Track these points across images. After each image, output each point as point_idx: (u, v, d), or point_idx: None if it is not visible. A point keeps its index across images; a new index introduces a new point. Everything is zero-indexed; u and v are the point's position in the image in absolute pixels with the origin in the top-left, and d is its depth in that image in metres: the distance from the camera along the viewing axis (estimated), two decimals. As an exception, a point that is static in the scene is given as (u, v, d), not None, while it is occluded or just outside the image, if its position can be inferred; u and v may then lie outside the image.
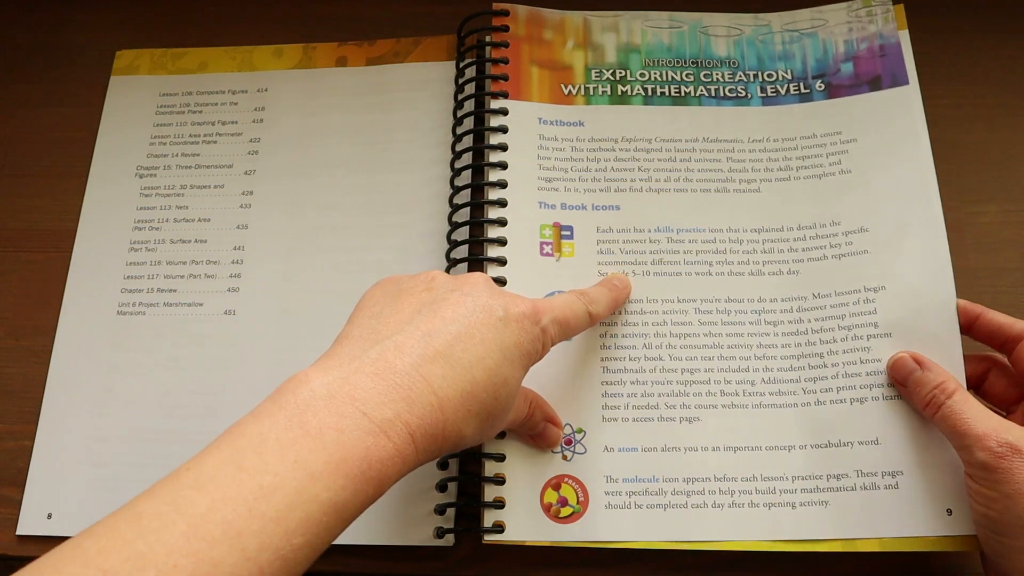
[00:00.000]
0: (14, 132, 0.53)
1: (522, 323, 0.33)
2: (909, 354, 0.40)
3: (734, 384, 0.42)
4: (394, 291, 0.34)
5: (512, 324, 0.33)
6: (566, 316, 0.36)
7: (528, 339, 0.33)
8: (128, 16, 0.56)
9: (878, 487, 0.39)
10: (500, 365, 0.32)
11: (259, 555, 0.25)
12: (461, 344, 0.31)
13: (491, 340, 0.32)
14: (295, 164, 0.51)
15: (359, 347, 0.31)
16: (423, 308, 0.33)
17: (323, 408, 0.28)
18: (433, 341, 0.31)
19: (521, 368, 0.34)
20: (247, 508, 0.25)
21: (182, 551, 0.24)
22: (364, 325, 0.32)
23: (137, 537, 0.24)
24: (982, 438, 0.35)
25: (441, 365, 0.31)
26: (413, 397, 0.30)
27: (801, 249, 0.44)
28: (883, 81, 0.47)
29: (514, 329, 0.33)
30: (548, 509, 0.40)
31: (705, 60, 0.49)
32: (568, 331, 0.37)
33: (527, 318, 0.34)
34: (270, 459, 0.26)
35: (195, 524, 0.24)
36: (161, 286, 0.48)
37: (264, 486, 0.26)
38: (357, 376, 0.29)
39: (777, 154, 0.47)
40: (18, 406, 0.46)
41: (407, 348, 0.31)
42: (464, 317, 0.32)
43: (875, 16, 0.49)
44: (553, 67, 0.49)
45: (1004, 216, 0.47)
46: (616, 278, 0.43)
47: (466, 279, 0.34)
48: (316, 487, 0.27)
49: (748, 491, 0.40)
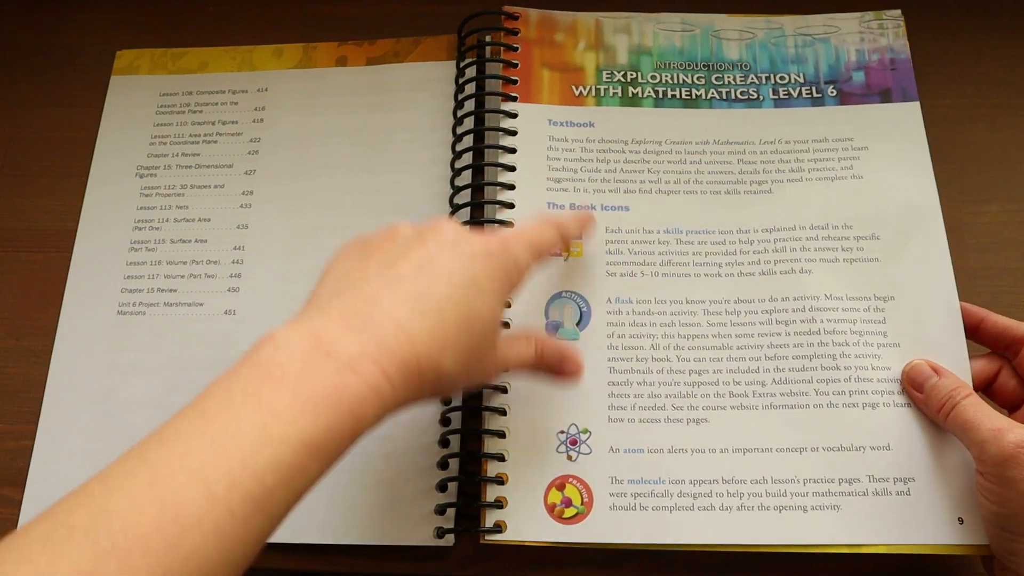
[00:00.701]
0: (14, 132, 0.58)
1: (490, 256, 0.37)
2: (926, 362, 0.45)
3: (744, 385, 0.45)
4: (360, 250, 0.37)
5: (480, 259, 0.36)
6: (535, 239, 0.40)
7: (500, 270, 0.37)
8: (128, 16, 0.62)
9: (890, 493, 0.43)
10: (469, 299, 0.35)
11: (228, 495, 0.27)
12: (427, 284, 0.34)
13: (458, 276, 0.35)
14: (295, 164, 0.55)
15: (325, 301, 0.34)
16: (388, 258, 0.36)
17: (287, 356, 0.31)
18: (399, 285, 0.34)
19: (495, 299, 0.37)
20: (213, 453, 0.27)
21: (147, 498, 0.26)
22: (330, 283, 0.36)
23: (104, 493, 0.26)
24: (997, 433, 0.39)
25: (408, 306, 0.33)
26: (380, 335, 0.32)
27: (814, 249, 0.48)
28: (893, 94, 0.52)
29: (482, 263, 0.36)
30: (552, 510, 0.44)
31: (717, 63, 0.54)
32: (540, 253, 0.40)
33: (496, 250, 0.37)
34: (235, 408, 0.29)
35: (160, 473, 0.27)
36: (161, 286, 0.52)
37: (229, 431, 0.28)
38: (322, 324, 0.32)
39: (789, 155, 0.51)
40: (18, 406, 0.50)
41: (372, 294, 0.34)
42: (430, 259, 0.35)
43: (886, 30, 0.54)
44: (564, 69, 0.54)
45: (1004, 216, 0.52)
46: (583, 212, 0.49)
47: (431, 224, 0.38)
48: (283, 426, 0.29)
49: (758, 493, 0.43)
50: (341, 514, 0.46)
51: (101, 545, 0.25)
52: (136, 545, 0.25)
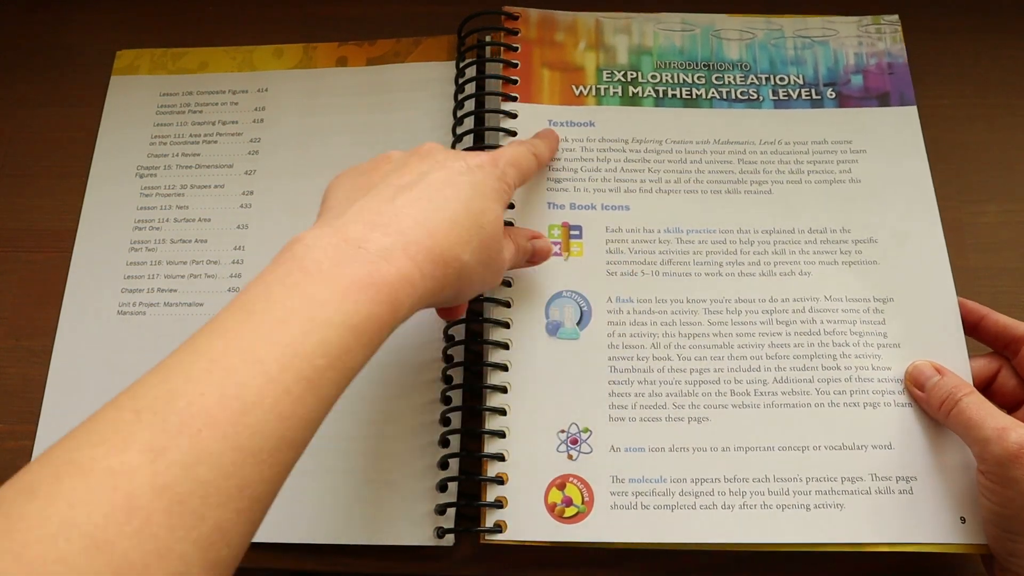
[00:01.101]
0: (14, 132, 0.58)
1: (483, 168, 0.40)
2: (929, 362, 0.45)
3: (745, 384, 0.46)
4: (356, 170, 0.40)
5: (475, 170, 0.40)
6: (518, 159, 0.43)
7: (492, 180, 0.40)
8: (128, 16, 0.62)
9: (892, 492, 0.43)
10: (474, 199, 0.38)
11: (282, 375, 0.29)
12: (434, 187, 0.37)
13: (460, 182, 0.38)
14: (295, 164, 0.55)
15: (340, 209, 0.37)
16: (391, 173, 0.39)
17: (320, 252, 0.33)
18: (409, 191, 0.37)
19: (495, 202, 0.40)
20: (264, 340, 0.29)
21: (207, 382, 0.28)
22: (339, 196, 0.38)
23: (163, 380, 0.28)
24: (1000, 432, 0.39)
25: (422, 204, 0.36)
26: (403, 228, 0.35)
27: (812, 252, 0.49)
28: (891, 98, 0.53)
29: (477, 174, 0.39)
30: (552, 509, 0.44)
31: (717, 63, 0.54)
32: (522, 173, 0.44)
33: (486, 164, 0.40)
34: (277, 299, 0.31)
35: (216, 360, 0.28)
36: (161, 286, 0.52)
37: (276, 319, 0.30)
38: (346, 224, 0.35)
39: (788, 156, 0.51)
40: (18, 406, 0.50)
41: (386, 196, 0.36)
42: (430, 169, 0.38)
43: (883, 34, 0.55)
44: (564, 68, 0.54)
45: (1004, 216, 0.52)
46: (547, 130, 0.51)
47: (419, 147, 0.41)
48: (327, 311, 0.31)
49: (760, 492, 0.43)
50: (341, 514, 0.45)
51: (171, 423, 0.26)
52: (204, 423, 0.27)
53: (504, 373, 0.46)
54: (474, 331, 0.48)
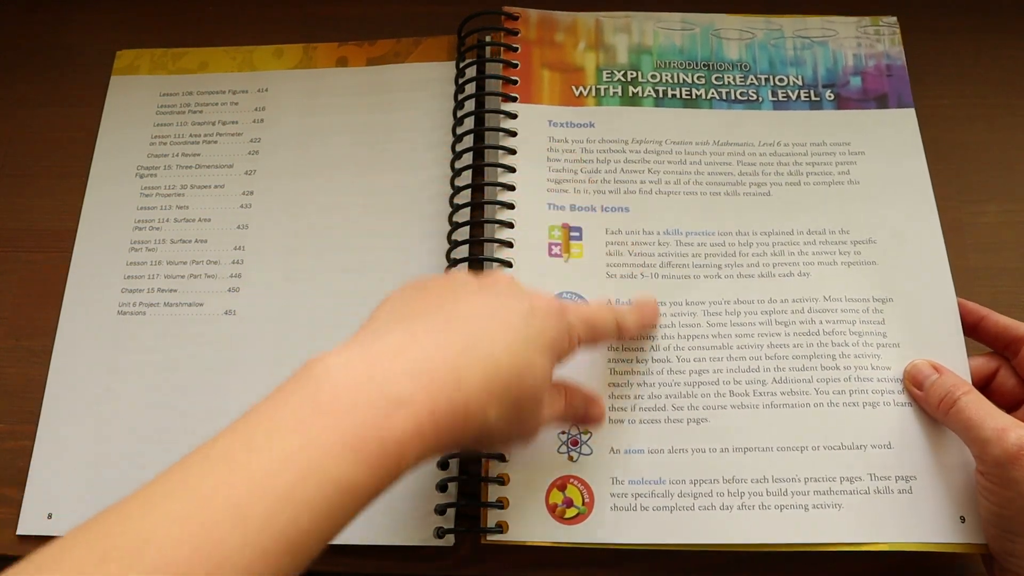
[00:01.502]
0: (14, 132, 0.58)
1: (548, 316, 0.37)
2: (928, 362, 0.45)
3: (744, 385, 0.45)
4: (416, 287, 0.37)
5: (539, 315, 0.36)
6: (594, 319, 0.40)
7: (554, 331, 0.37)
8: (128, 16, 0.61)
9: (891, 491, 0.43)
10: (525, 350, 0.35)
11: (261, 535, 0.26)
12: (484, 329, 0.34)
13: (516, 327, 0.35)
14: (295, 164, 0.55)
15: (379, 332, 0.34)
16: (446, 301, 0.36)
17: (338, 385, 0.30)
18: (455, 325, 0.34)
19: (548, 357, 0.36)
20: (255, 486, 0.27)
21: (184, 529, 0.26)
22: (384, 316, 0.35)
23: (142, 516, 0.26)
24: (999, 432, 0.38)
25: (463, 346, 0.33)
26: (433, 374, 0.32)
27: (811, 253, 0.49)
28: (890, 100, 0.53)
29: (540, 320, 0.36)
30: (553, 510, 0.43)
31: (717, 63, 0.54)
32: (595, 335, 0.40)
33: (553, 312, 0.37)
34: (281, 438, 0.28)
35: (200, 504, 0.26)
36: (161, 286, 0.52)
37: (273, 463, 0.28)
38: (375, 355, 0.32)
39: (788, 158, 0.51)
40: (18, 406, 0.50)
41: (428, 331, 0.33)
42: (487, 306, 0.35)
43: (882, 36, 0.54)
44: (564, 69, 0.54)
45: (1004, 216, 0.52)
46: (647, 303, 0.46)
47: (491, 276, 0.38)
48: (327, 463, 0.28)
49: (759, 493, 0.43)
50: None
51: None
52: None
53: (504, 374, 0.46)
54: (474, 332, 0.48)
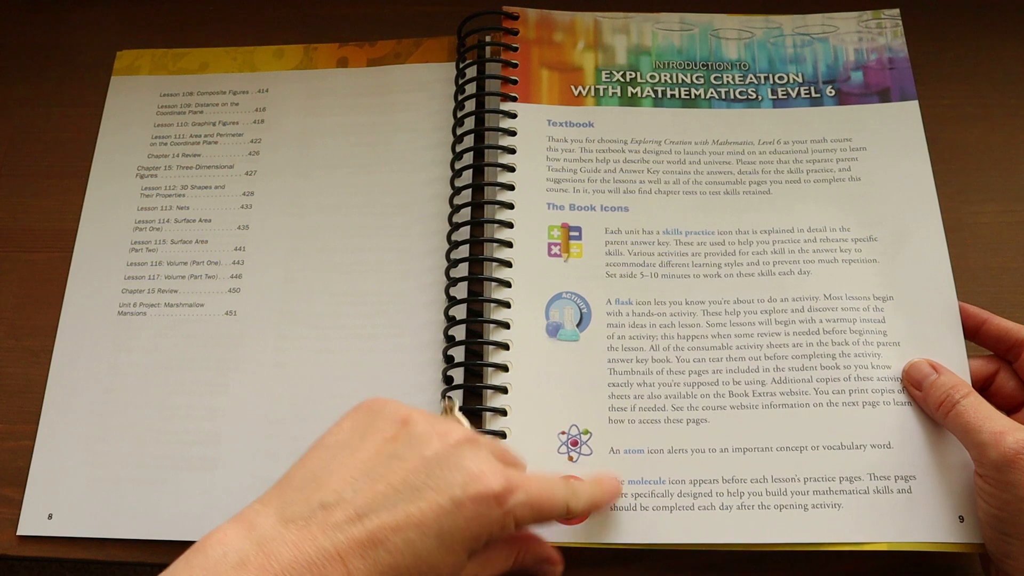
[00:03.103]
0: (14, 132, 0.57)
1: (479, 506, 0.33)
2: (926, 360, 0.44)
3: (743, 385, 0.45)
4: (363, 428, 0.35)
5: (466, 507, 0.33)
6: (541, 500, 0.36)
7: (480, 524, 0.33)
8: (128, 16, 0.61)
9: (891, 491, 0.42)
10: (432, 553, 0.32)
11: None
12: (393, 526, 0.32)
13: (431, 525, 0.32)
14: (296, 165, 0.54)
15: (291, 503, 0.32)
16: (376, 466, 0.33)
17: None
18: (364, 521, 0.31)
19: (460, 553, 0.33)
20: None
21: None
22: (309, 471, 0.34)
23: None
24: (997, 436, 0.38)
25: (364, 548, 0.31)
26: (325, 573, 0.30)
27: (812, 251, 0.48)
28: (892, 94, 0.52)
29: (466, 514, 0.33)
30: (554, 510, 0.43)
31: (715, 62, 0.54)
32: (540, 516, 0.36)
33: (489, 500, 0.33)
34: None
35: None
36: (162, 287, 0.52)
37: None
38: (275, 545, 0.30)
39: (788, 156, 0.51)
40: (18, 406, 0.49)
41: (335, 522, 0.31)
42: (410, 492, 0.32)
43: (884, 29, 0.54)
44: (563, 69, 0.53)
45: (1004, 216, 0.51)
46: (607, 480, 0.42)
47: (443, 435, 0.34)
48: None
49: (758, 493, 0.43)
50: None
51: None
52: None
53: (504, 374, 0.45)
54: (474, 331, 0.48)
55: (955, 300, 0.46)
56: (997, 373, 0.44)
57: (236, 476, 0.46)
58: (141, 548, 0.46)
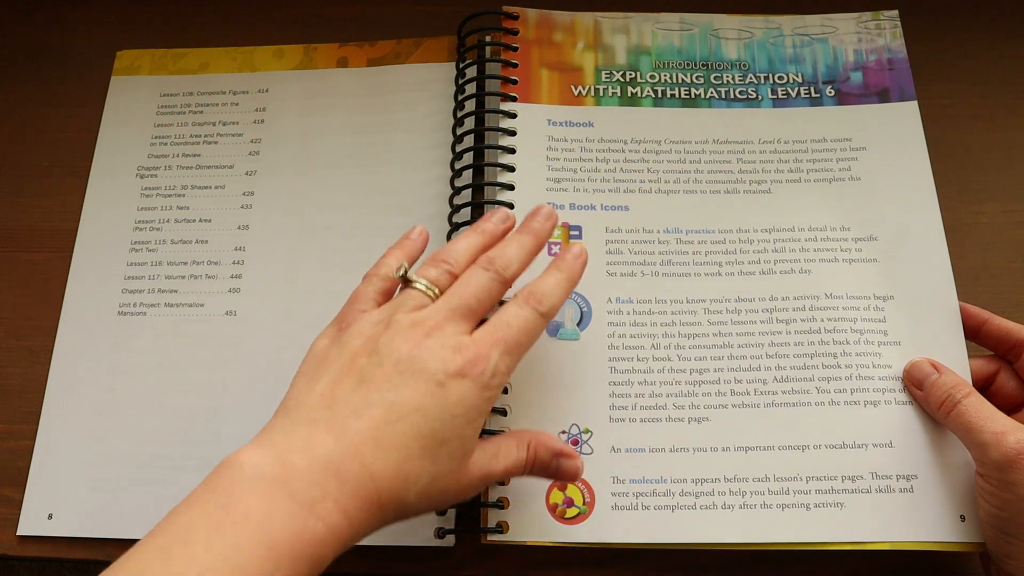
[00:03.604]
0: (14, 132, 0.57)
1: (464, 379, 0.35)
2: (927, 360, 0.44)
3: (745, 384, 0.45)
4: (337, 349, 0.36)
5: (452, 384, 0.34)
6: (516, 339, 0.37)
7: (473, 393, 0.35)
8: (128, 16, 0.61)
9: (892, 490, 0.42)
10: (437, 430, 0.34)
11: None
12: (395, 415, 0.33)
13: (429, 405, 0.34)
14: (296, 165, 0.54)
15: (292, 422, 0.34)
16: (362, 375, 0.35)
17: (250, 491, 0.31)
18: (366, 413, 0.33)
19: (467, 422, 0.35)
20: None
21: None
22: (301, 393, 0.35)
23: None
24: (999, 436, 0.38)
25: (373, 438, 0.33)
26: (343, 473, 0.32)
27: (813, 250, 0.48)
28: (891, 94, 0.52)
29: (454, 388, 0.34)
30: (554, 510, 0.43)
31: (715, 62, 0.54)
32: (522, 352, 0.38)
33: (468, 372, 0.35)
34: (197, 550, 0.29)
35: None
36: (162, 286, 0.51)
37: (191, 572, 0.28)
38: (287, 454, 0.32)
39: (788, 155, 0.51)
40: (18, 406, 0.49)
41: (339, 423, 0.33)
42: (400, 384, 0.34)
43: (883, 30, 0.54)
44: (563, 68, 0.53)
45: (1004, 216, 0.51)
46: (568, 251, 0.41)
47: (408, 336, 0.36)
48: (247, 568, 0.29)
49: (760, 492, 0.43)
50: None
51: None
52: None
53: (504, 373, 0.45)
54: (474, 331, 0.48)
55: (955, 299, 0.46)
56: (998, 373, 0.44)
57: (236, 476, 0.46)
58: (141, 548, 0.46)
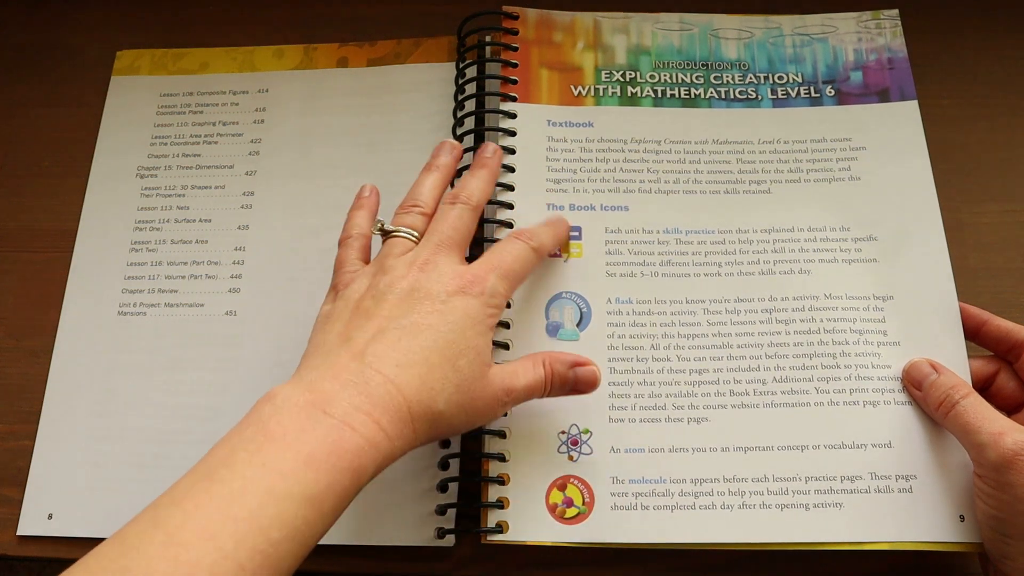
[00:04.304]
0: (14, 132, 0.57)
1: (466, 296, 0.38)
2: (926, 360, 0.44)
3: (744, 384, 0.45)
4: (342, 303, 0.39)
5: (456, 299, 0.38)
6: (510, 266, 0.41)
7: (475, 309, 0.38)
8: (128, 16, 0.61)
9: (891, 490, 0.42)
10: (451, 341, 0.37)
11: (236, 552, 0.28)
12: (411, 332, 0.36)
13: (437, 322, 0.37)
14: (296, 165, 0.54)
15: (316, 358, 0.37)
16: (370, 312, 0.38)
17: (286, 415, 0.33)
18: (384, 338, 0.36)
19: (477, 334, 0.38)
20: (220, 512, 0.29)
21: (160, 557, 0.28)
22: (320, 338, 0.38)
23: (120, 555, 0.28)
24: (996, 437, 0.38)
25: (393, 356, 0.36)
26: (371, 389, 0.34)
27: (812, 250, 0.48)
28: (891, 94, 0.52)
29: (458, 304, 0.38)
30: (553, 510, 0.43)
31: (715, 62, 0.53)
32: (517, 278, 0.41)
33: (468, 290, 0.38)
34: (239, 467, 0.31)
35: (172, 533, 0.28)
36: (162, 287, 0.51)
37: (235, 490, 0.30)
38: (317, 382, 0.34)
39: (788, 155, 0.50)
40: (18, 406, 0.49)
41: (358, 349, 0.36)
42: (408, 310, 0.37)
43: (883, 29, 0.54)
44: (563, 68, 0.53)
45: (1004, 216, 0.51)
46: (555, 215, 0.48)
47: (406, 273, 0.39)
48: (286, 483, 0.30)
49: (759, 492, 0.43)
50: (342, 514, 0.45)
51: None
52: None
53: (504, 373, 0.45)
54: (474, 331, 0.48)
55: (955, 300, 0.46)
56: (997, 373, 0.44)
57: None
58: (141, 548, 0.46)
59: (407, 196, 0.44)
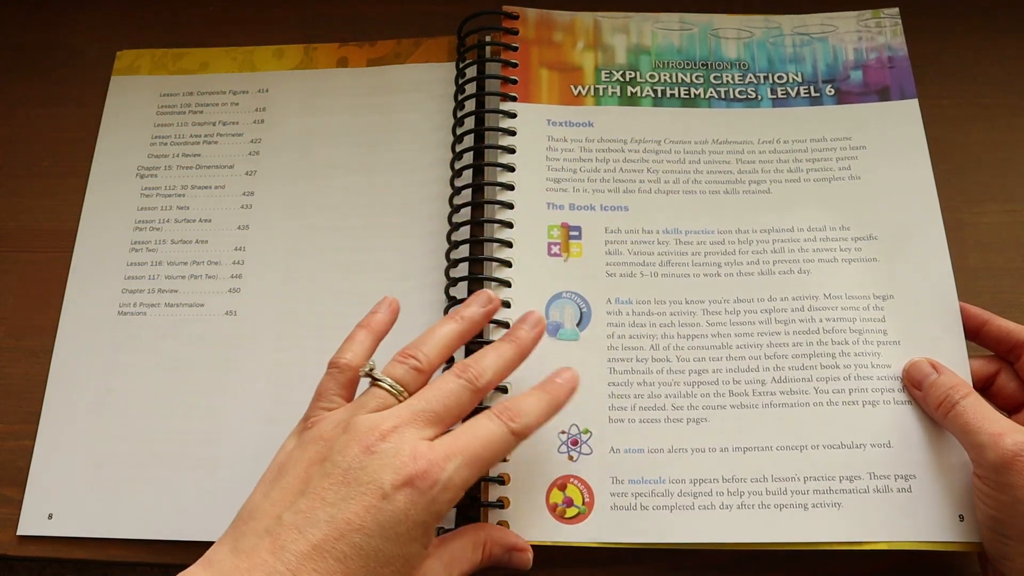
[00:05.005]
0: (14, 132, 0.57)
1: (410, 491, 0.34)
2: (926, 360, 0.44)
3: (743, 384, 0.45)
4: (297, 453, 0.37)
5: (396, 497, 0.34)
6: (476, 452, 0.36)
7: (419, 508, 0.34)
8: (128, 16, 0.61)
9: (891, 490, 0.42)
10: (378, 549, 0.33)
11: None
12: (336, 533, 0.33)
13: (370, 525, 0.33)
14: (296, 165, 0.54)
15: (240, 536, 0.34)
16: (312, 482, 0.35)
17: None
18: (308, 532, 0.33)
19: (411, 539, 0.34)
20: None
21: None
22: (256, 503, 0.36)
23: None
24: (995, 438, 0.38)
25: (313, 559, 0.33)
26: None
27: (812, 250, 0.48)
28: (892, 92, 0.52)
29: (399, 503, 0.34)
30: (553, 509, 0.43)
31: (715, 62, 0.53)
32: (485, 465, 0.37)
33: (417, 483, 0.34)
34: None
35: None
36: (162, 287, 0.51)
37: None
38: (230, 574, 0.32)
39: (787, 155, 0.50)
40: (18, 406, 0.49)
41: (280, 543, 0.33)
42: (345, 496, 0.34)
43: (884, 28, 0.54)
44: (563, 68, 0.53)
45: (1004, 216, 0.51)
46: (559, 374, 0.41)
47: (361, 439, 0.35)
48: None
49: (758, 492, 0.43)
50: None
51: None
52: None
53: (504, 374, 0.45)
54: (474, 331, 0.48)
55: (955, 299, 0.46)
56: (998, 373, 0.44)
57: (236, 476, 0.46)
58: (141, 548, 0.46)
59: (414, 341, 0.40)
